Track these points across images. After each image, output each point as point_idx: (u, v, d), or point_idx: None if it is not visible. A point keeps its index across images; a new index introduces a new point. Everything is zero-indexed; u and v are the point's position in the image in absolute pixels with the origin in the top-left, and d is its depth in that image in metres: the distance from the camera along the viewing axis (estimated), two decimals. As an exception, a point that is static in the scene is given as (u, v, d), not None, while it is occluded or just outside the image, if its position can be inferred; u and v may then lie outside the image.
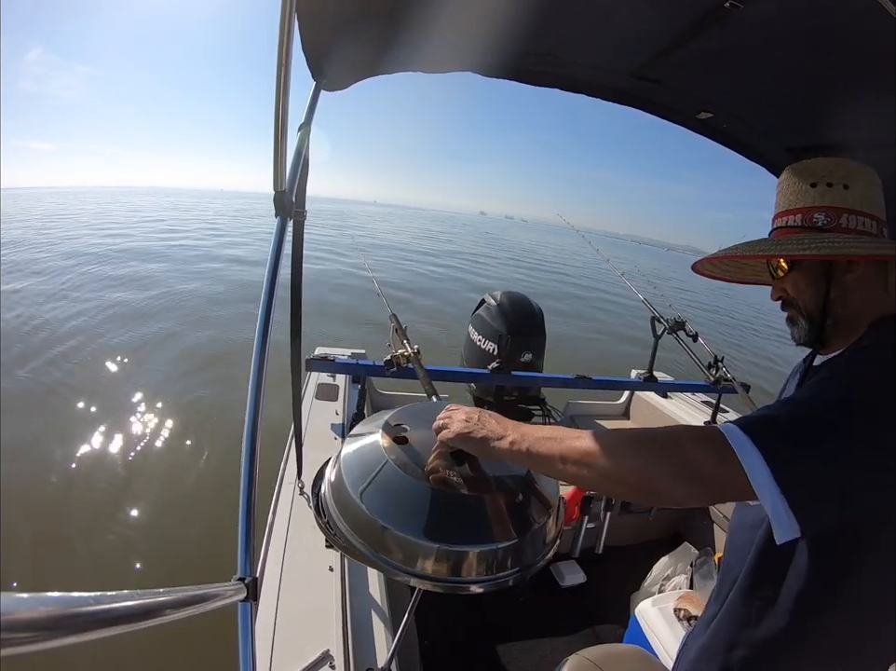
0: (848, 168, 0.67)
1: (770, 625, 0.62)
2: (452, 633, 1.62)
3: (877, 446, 0.47)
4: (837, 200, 0.65)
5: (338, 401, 2.06)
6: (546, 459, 0.58)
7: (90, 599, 0.29)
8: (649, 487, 0.52)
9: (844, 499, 0.48)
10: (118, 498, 2.83)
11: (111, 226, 16.96)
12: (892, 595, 0.57)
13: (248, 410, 0.67)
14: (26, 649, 0.23)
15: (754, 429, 0.49)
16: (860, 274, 0.64)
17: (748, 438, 0.48)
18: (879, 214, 0.66)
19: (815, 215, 0.66)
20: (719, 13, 0.75)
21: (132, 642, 1.81)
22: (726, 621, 0.70)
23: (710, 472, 0.50)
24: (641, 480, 0.52)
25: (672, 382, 2.53)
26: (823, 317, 0.67)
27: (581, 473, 0.55)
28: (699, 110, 1.15)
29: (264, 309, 0.74)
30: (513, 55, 1.01)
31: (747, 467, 0.47)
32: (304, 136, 0.93)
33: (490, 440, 0.63)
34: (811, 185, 0.68)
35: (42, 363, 4.43)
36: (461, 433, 0.64)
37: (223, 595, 0.47)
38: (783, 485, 0.46)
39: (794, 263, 0.68)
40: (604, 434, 0.56)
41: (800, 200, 0.68)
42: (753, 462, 0.47)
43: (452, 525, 0.62)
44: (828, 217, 0.65)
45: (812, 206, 0.67)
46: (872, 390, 0.50)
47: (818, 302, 0.67)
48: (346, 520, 0.65)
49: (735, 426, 0.50)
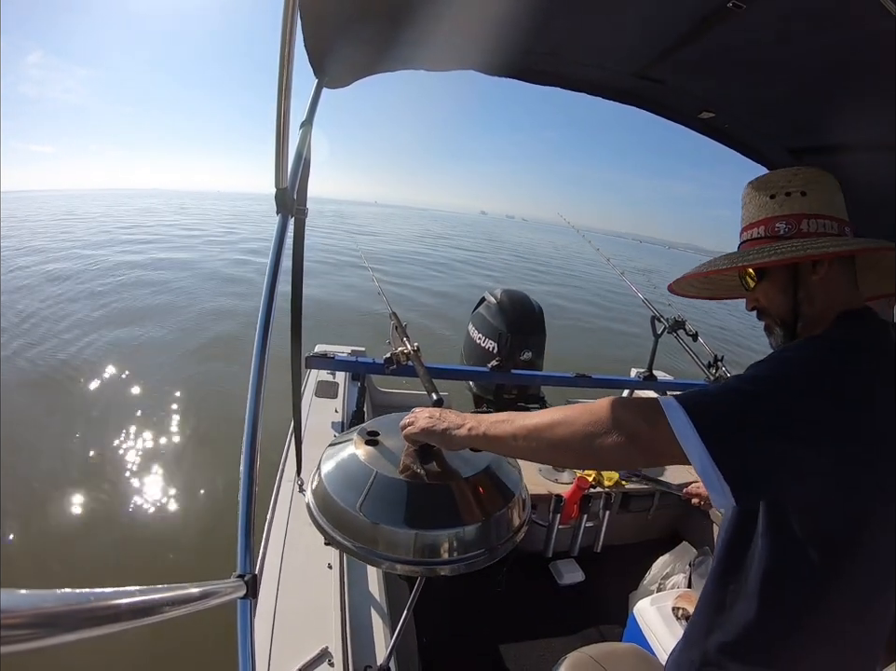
0: (805, 175, 0.69)
1: (742, 610, 0.64)
2: (450, 630, 1.62)
3: (801, 420, 0.51)
4: (796, 207, 0.68)
5: (338, 398, 2.06)
6: (501, 440, 0.65)
7: (90, 596, 0.29)
8: (591, 450, 0.57)
9: (777, 468, 0.52)
10: (117, 494, 2.84)
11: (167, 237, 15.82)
12: (868, 573, 0.59)
13: (248, 407, 0.67)
14: (26, 646, 0.23)
15: (686, 397, 0.54)
16: (824, 274, 0.65)
17: (679, 404, 0.53)
18: (839, 215, 0.68)
19: (776, 224, 0.69)
20: (721, 13, 0.74)
21: (132, 639, 1.81)
22: (704, 607, 0.71)
23: (641, 433, 0.55)
24: (583, 444, 0.57)
25: (673, 381, 2.53)
26: (795, 320, 0.68)
27: (531, 446, 0.62)
28: (700, 110, 1.15)
29: (265, 307, 0.74)
30: (516, 54, 1.00)
31: (675, 428, 0.52)
32: (305, 134, 0.93)
33: (450, 430, 0.69)
34: (770, 197, 0.70)
35: (38, 352, 4.44)
36: (424, 428, 0.71)
37: (222, 592, 0.47)
38: (714, 450, 0.50)
39: (763, 272, 0.70)
40: (551, 410, 0.62)
41: (762, 212, 0.71)
42: (680, 423, 0.52)
43: (423, 512, 0.69)
44: (788, 225, 0.68)
45: (773, 216, 0.69)
46: (798, 366, 0.55)
47: (788, 306, 0.69)
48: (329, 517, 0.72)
49: (671, 397, 0.55)
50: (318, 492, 0.75)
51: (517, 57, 1.01)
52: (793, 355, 0.59)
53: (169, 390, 4.11)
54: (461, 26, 0.89)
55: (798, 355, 0.58)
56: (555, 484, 1.79)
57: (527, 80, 1.11)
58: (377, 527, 0.67)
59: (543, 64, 1.04)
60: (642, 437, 0.55)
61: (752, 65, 0.91)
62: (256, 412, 0.66)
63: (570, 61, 1.03)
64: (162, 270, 9.08)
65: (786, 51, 0.83)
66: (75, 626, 0.26)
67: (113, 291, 7.22)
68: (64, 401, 3.81)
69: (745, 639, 0.64)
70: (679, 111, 1.19)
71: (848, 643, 0.63)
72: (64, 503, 2.70)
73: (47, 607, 0.25)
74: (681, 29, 0.83)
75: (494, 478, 0.77)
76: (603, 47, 0.98)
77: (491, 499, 0.74)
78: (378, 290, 2.05)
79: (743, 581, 0.64)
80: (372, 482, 0.71)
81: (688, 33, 0.83)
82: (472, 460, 0.78)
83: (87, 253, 10.41)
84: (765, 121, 1.14)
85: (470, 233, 41.02)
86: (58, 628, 0.25)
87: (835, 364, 0.55)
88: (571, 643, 1.64)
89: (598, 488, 1.79)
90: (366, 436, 0.81)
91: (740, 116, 1.14)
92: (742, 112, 1.13)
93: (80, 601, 0.28)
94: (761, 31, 0.79)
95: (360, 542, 0.68)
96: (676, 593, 1.40)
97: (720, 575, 0.68)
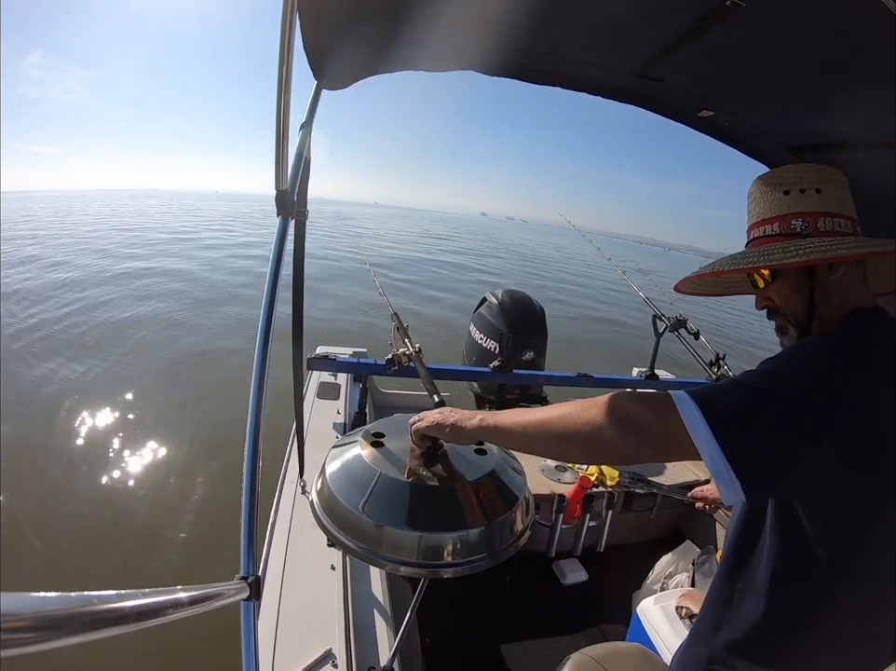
0: (818, 173, 0.68)
1: (750, 607, 0.64)
2: (454, 631, 1.62)
3: (806, 418, 0.51)
4: (812, 205, 0.66)
5: (340, 400, 2.06)
6: (510, 432, 0.65)
7: (93, 599, 0.29)
8: (600, 442, 0.57)
9: (785, 465, 0.51)
10: (119, 497, 2.84)
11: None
12: (872, 573, 0.59)
13: (250, 409, 0.67)
14: (28, 649, 0.23)
15: (697, 391, 0.54)
16: (842, 274, 0.65)
17: (690, 398, 0.53)
18: (851, 213, 0.68)
19: (793, 222, 0.67)
20: (720, 12, 0.74)
21: (135, 641, 1.81)
22: (711, 603, 0.71)
23: (651, 425, 0.54)
24: (592, 436, 0.57)
25: (675, 380, 2.53)
26: (809, 320, 0.68)
27: (542, 438, 0.62)
28: (700, 108, 1.15)
29: (266, 309, 0.74)
30: (515, 54, 1.00)
31: (686, 421, 0.51)
32: (305, 135, 0.93)
33: (459, 422, 0.69)
34: (784, 193, 0.68)
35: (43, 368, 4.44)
36: (434, 422, 0.70)
37: (225, 594, 0.47)
38: (719, 435, 0.50)
39: (776, 271, 0.69)
40: (561, 404, 0.62)
41: (775, 209, 0.69)
42: (692, 417, 0.51)
43: (427, 514, 0.69)
44: (805, 222, 0.66)
45: (789, 213, 0.68)
46: (805, 364, 0.55)
47: (803, 307, 0.68)
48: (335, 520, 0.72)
49: (682, 391, 0.55)
50: (322, 493, 0.75)
51: (516, 57, 1.01)
52: (801, 352, 0.59)
53: (169, 392, 4.12)
54: (460, 26, 0.89)
55: (806, 352, 0.58)
56: (558, 483, 1.79)
57: (527, 80, 1.11)
58: (381, 529, 0.67)
59: (542, 64, 1.04)
60: (652, 430, 0.54)
61: (751, 63, 0.91)
62: (258, 414, 0.67)
63: (569, 61, 1.03)
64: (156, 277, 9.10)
65: (785, 49, 0.83)
66: (78, 629, 0.26)
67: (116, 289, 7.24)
68: (64, 400, 3.81)
69: (752, 637, 0.64)
70: (679, 109, 1.19)
71: (854, 642, 0.63)
72: (67, 506, 2.70)
73: (49, 610, 0.25)
74: (680, 27, 0.83)
75: (498, 482, 0.77)
76: (602, 46, 0.98)
77: (495, 502, 0.74)
78: (380, 291, 2.05)
79: (751, 579, 0.64)
80: (376, 483, 0.71)
81: (688, 31, 0.83)
82: (477, 464, 0.77)
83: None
84: (764, 119, 1.14)
85: (471, 234, 41.04)
86: (61, 631, 0.25)
87: (843, 363, 0.55)
88: (574, 643, 1.64)
89: (600, 488, 1.78)
90: (371, 437, 0.81)
91: (740, 114, 1.14)
92: (742, 110, 1.12)
93: (83, 604, 0.28)
94: (760, 29, 0.79)
95: (364, 544, 0.68)
96: (679, 592, 1.40)
97: (728, 572, 0.68)
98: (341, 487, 0.72)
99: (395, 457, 0.77)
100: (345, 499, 0.70)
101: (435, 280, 11.48)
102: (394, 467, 0.74)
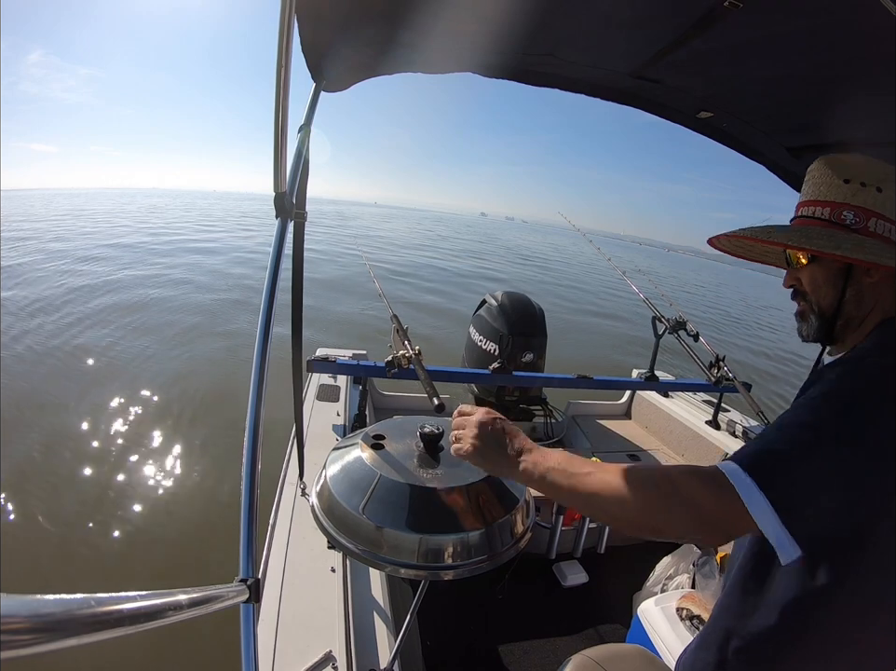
0: (884, 170, 0.65)
1: (764, 617, 0.63)
2: (454, 633, 1.61)
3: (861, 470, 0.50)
4: (869, 202, 0.64)
5: (339, 402, 2.06)
6: (555, 491, 0.61)
7: (92, 601, 0.29)
8: (651, 525, 0.55)
9: (838, 517, 0.52)
10: (118, 499, 2.83)
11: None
12: (891, 587, 0.58)
13: (249, 411, 0.67)
14: (27, 651, 0.23)
15: (752, 465, 0.51)
16: (878, 278, 0.64)
17: (747, 475, 0.50)
18: None
19: (844, 213, 0.65)
20: (718, 13, 0.74)
21: (134, 644, 1.81)
22: (723, 611, 0.70)
23: (710, 510, 0.51)
24: (643, 519, 0.55)
25: (674, 381, 2.52)
26: (835, 316, 0.66)
27: (589, 509, 0.61)
28: (699, 109, 1.15)
29: (265, 311, 0.75)
30: (513, 56, 1.00)
31: (747, 502, 0.49)
32: (304, 137, 0.93)
33: (501, 465, 0.66)
34: (844, 181, 0.66)
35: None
36: (474, 452, 0.67)
37: (225, 596, 0.47)
38: (784, 516, 0.48)
39: (815, 256, 0.67)
40: (609, 471, 0.58)
41: (831, 194, 0.67)
42: (753, 498, 0.49)
43: (428, 516, 0.69)
44: (857, 217, 0.64)
45: (843, 203, 0.65)
46: (858, 414, 0.51)
47: (832, 301, 0.66)
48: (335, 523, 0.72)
49: (733, 463, 0.52)
50: (322, 495, 0.75)
51: (515, 59, 1.02)
52: (848, 393, 0.54)
53: (169, 393, 4.12)
54: (458, 28, 0.89)
55: (853, 389, 0.54)
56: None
57: (525, 82, 1.11)
58: (381, 531, 0.67)
59: (541, 66, 1.04)
60: (712, 515, 0.52)
61: (749, 64, 0.91)
62: (257, 416, 0.67)
63: (568, 63, 1.03)
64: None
65: (783, 50, 0.83)
66: (78, 631, 0.26)
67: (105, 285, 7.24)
68: (64, 401, 3.81)
69: (764, 646, 0.64)
70: (677, 111, 1.19)
71: (864, 651, 0.62)
72: (66, 507, 2.70)
73: (48, 612, 0.25)
74: (678, 29, 0.83)
75: (498, 484, 0.77)
76: (600, 48, 0.98)
77: (495, 505, 0.75)
78: (379, 292, 2.05)
79: (765, 590, 0.63)
80: (376, 485, 0.71)
81: (685, 32, 0.83)
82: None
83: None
84: (763, 120, 1.14)
85: (471, 234, 41.07)
86: (60, 633, 0.25)
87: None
88: (575, 645, 1.63)
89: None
90: (371, 440, 0.81)
91: (738, 115, 1.14)
92: (740, 111, 1.13)
93: (82, 606, 0.28)
94: (758, 30, 0.79)
95: (364, 546, 0.68)
96: (680, 593, 1.40)
97: (741, 582, 0.67)
98: (341, 490, 0.72)
99: (395, 459, 0.77)
100: (345, 502, 0.70)
101: (435, 281, 11.48)
102: (394, 469, 0.74)
